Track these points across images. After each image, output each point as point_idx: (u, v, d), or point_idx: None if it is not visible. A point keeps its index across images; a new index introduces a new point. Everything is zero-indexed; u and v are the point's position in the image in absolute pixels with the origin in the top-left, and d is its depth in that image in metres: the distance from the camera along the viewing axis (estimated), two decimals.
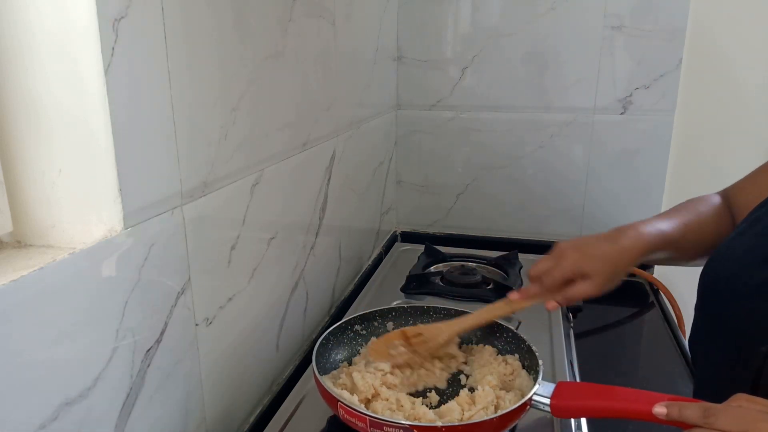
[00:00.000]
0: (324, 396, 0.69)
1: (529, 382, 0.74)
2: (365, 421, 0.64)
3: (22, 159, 0.49)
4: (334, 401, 0.67)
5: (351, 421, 0.65)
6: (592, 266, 0.71)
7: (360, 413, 0.64)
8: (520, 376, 0.76)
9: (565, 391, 0.66)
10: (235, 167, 0.70)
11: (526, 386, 0.73)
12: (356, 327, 0.85)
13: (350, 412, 0.65)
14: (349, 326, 0.85)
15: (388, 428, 0.63)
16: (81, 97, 0.48)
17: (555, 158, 1.39)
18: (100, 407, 0.51)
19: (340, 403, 0.66)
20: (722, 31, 1.24)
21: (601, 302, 0.77)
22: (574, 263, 0.72)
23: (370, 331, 0.86)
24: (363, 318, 0.86)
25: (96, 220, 0.50)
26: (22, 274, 0.43)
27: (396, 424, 0.62)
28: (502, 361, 0.79)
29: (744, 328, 0.62)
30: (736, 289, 0.63)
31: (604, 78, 1.32)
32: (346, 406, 0.65)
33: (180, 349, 0.63)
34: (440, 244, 1.27)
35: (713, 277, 0.68)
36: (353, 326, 0.85)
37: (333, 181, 1.03)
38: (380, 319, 0.87)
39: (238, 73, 0.70)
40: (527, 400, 0.66)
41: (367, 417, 0.64)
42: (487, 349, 0.83)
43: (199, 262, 0.64)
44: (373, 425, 0.64)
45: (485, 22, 1.35)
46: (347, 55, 1.06)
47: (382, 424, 0.63)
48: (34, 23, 0.46)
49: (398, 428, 0.62)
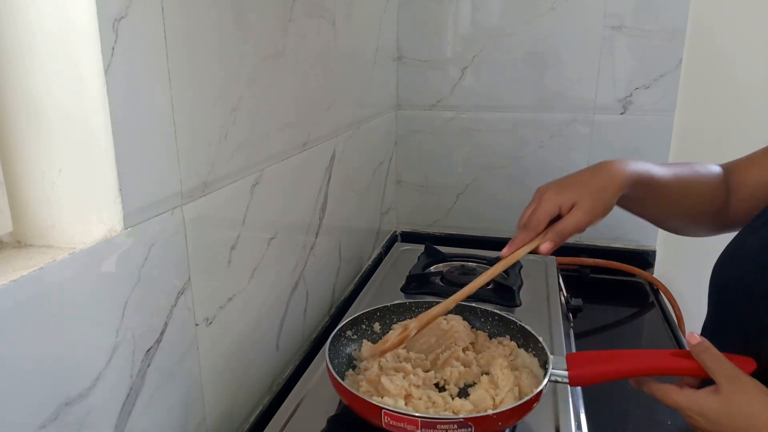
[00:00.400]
0: (359, 406, 0.67)
1: (531, 359, 0.75)
2: (416, 423, 0.62)
3: (22, 159, 0.49)
4: (377, 410, 0.64)
5: (398, 426, 0.63)
6: (574, 194, 0.68)
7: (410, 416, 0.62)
8: (519, 355, 0.77)
9: (577, 361, 0.67)
10: (235, 167, 0.70)
11: (531, 363, 0.75)
12: (348, 332, 0.84)
13: (398, 417, 0.63)
14: (342, 333, 0.83)
15: (441, 426, 0.62)
16: (81, 97, 0.48)
17: (555, 158, 1.39)
18: (100, 407, 0.51)
19: (384, 410, 0.64)
20: (722, 31, 1.24)
21: (601, 302, 0.77)
22: (555, 196, 0.69)
23: (360, 335, 0.85)
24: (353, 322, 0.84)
25: (96, 220, 0.50)
26: (22, 274, 0.43)
27: (449, 420, 0.62)
28: (498, 344, 0.80)
29: (753, 325, 0.62)
30: (748, 286, 0.63)
31: (604, 78, 1.32)
32: (392, 412, 0.63)
33: (180, 349, 0.63)
34: (440, 244, 1.27)
35: (726, 273, 0.68)
36: (345, 332, 0.84)
37: (333, 181, 1.03)
38: (367, 321, 0.86)
39: (238, 73, 0.70)
40: (549, 377, 0.66)
41: (418, 419, 0.62)
42: (480, 334, 0.84)
43: (199, 262, 0.64)
44: (424, 426, 0.62)
45: (485, 22, 1.35)
46: (347, 55, 1.06)
47: (435, 422, 0.62)
48: (34, 23, 0.46)
49: (452, 423, 0.61)
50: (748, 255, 0.65)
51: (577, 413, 0.76)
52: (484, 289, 1.10)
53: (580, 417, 0.77)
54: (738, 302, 0.65)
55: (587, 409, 0.79)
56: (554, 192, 0.69)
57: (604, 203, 0.68)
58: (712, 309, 0.70)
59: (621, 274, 1.36)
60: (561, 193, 0.69)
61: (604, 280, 1.37)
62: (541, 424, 0.73)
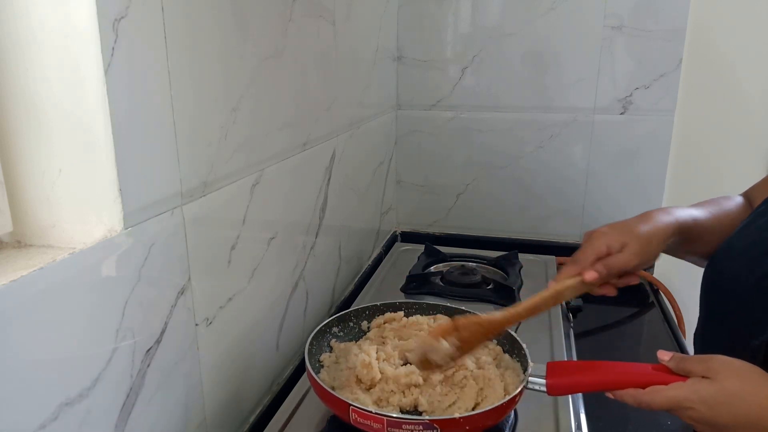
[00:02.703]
0: (329, 401, 0.68)
1: (514, 364, 0.76)
2: (382, 422, 0.63)
3: (22, 159, 0.49)
4: (345, 406, 0.65)
5: (365, 424, 0.64)
6: (625, 238, 0.69)
7: (377, 414, 0.63)
8: (503, 360, 0.78)
9: (557, 370, 0.67)
10: (235, 167, 0.70)
11: (515, 367, 0.75)
12: (334, 329, 0.85)
13: (364, 414, 0.64)
14: (328, 329, 0.84)
15: (407, 426, 0.62)
16: (81, 97, 0.48)
17: (555, 158, 1.39)
18: (100, 407, 0.51)
19: (352, 407, 0.64)
20: (722, 31, 1.24)
21: (601, 302, 0.77)
22: (605, 237, 0.70)
23: (347, 333, 0.85)
24: (340, 319, 0.85)
25: (96, 220, 0.50)
26: (22, 274, 0.43)
27: (415, 421, 0.62)
28: (483, 347, 0.80)
29: (741, 321, 0.62)
30: (737, 283, 0.64)
31: (604, 78, 1.32)
32: (359, 409, 0.64)
33: (180, 349, 0.62)
34: (440, 244, 1.27)
35: (716, 271, 0.69)
36: (331, 329, 0.84)
37: (333, 181, 1.03)
38: (355, 319, 0.87)
39: (238, 73, 0.70)
40: (524, 384, 0.66)
41: (384, 418, 0.63)
42: None
43: (199, 262, 0.64)
44: (390, 425, 0.63)
45: (485, 22, 1.35)
46: (347, 55, 1.06)
47: (401, 422, 0.62)
48: (34, 23, 0.46)
49: (418, 425, 0.62)
50: (737, 253, 0.66)
51: (577, 413, 0.76)
52: (484, 289, 1.11)
53: (580, 417, 0.77)
54: (728, 299, 0.65)
55: (587, 409, 0.79)
56: (605, 233, 0.71)
57: (651, 250, 0.70)
58: (704, 307, 0.71)
59: None
60: (611, 234, 0.70)
61: None
62: (541, 424, 0.73)
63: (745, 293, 0.62)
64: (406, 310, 0.88)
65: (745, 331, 0.61)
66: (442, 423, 0.62)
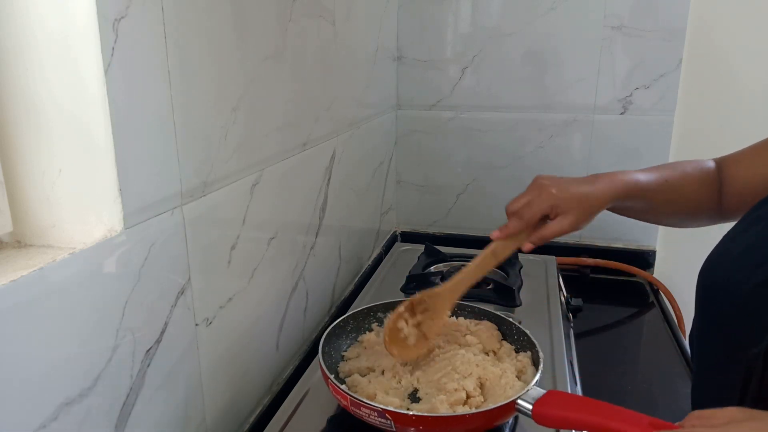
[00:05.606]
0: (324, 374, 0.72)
1: (531, 369, 0.75)
2: (347, 399, 0.67)
3: (22, 159, 0.49)
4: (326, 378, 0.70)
5: (337, 398, 0.69)
6: (568, 204, 0.73)
7: (344, 392, 0.67)
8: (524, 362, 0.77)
9: (550, 400, 0.65)
10: (235, 167, 0.70)
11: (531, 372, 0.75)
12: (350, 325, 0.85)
13: (337, 390, 0.68)
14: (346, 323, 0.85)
15: (365, 409, 0.65)
16: (81, 97, 0.48)
17: (555, 158, 1.39)
18: (99, 407, 0.51)
19: (329, 381, 0.69)
20: (722, 31, 1.24)
21: (601, 302, 0.77)
22: (552, 198, 0.73)
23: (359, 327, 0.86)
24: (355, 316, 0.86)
25: (96, 220, 0.50)
26: (22, 274, 0.43)
27: (372, 407, 0.65)
28: (517, 360, 0.79)
29: (737, 329, 0.62)
30: (733, 290, 0.63)
31: (604, 78, 1.32)
32: (335, 385, 0.68)
33: (180, 349, 0.63)
34: (440, 244, 1.27)
35: (711, 276, 0.68)
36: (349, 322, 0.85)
37: (333, 181, 1.03)
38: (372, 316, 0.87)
39: (238, 73, 0.70)
40: (512, 402, 0.65)
41: (348, 396, 0.67)
42: (505, 344, 0.83)
43: (199, 262, 0.64)
44: (353, 405, 0.66)
45: (485, 22, 1.35)
46: (347, 55, 1.06)
47: (360, 404, 0.66)
48: (34, 23, 0.46)
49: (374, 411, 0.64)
50: (733, 258, 0.65)
51: None
52: (484, 289, 1.11)
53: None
54: (723, 304, 0.64)
55: None
56: (552, 195, 0.74)
57: (587, 217, 0.75)
58: (699, 312, 0.70)
59: (621, 274, 1.36)
60: (557, 200, 0.74)
61: (604, 280, 1.37)
62: None
63: (742, 301, 0.61)
64: None
65: (742, 339, 0.60)
66: (395, 416, 0.64)
